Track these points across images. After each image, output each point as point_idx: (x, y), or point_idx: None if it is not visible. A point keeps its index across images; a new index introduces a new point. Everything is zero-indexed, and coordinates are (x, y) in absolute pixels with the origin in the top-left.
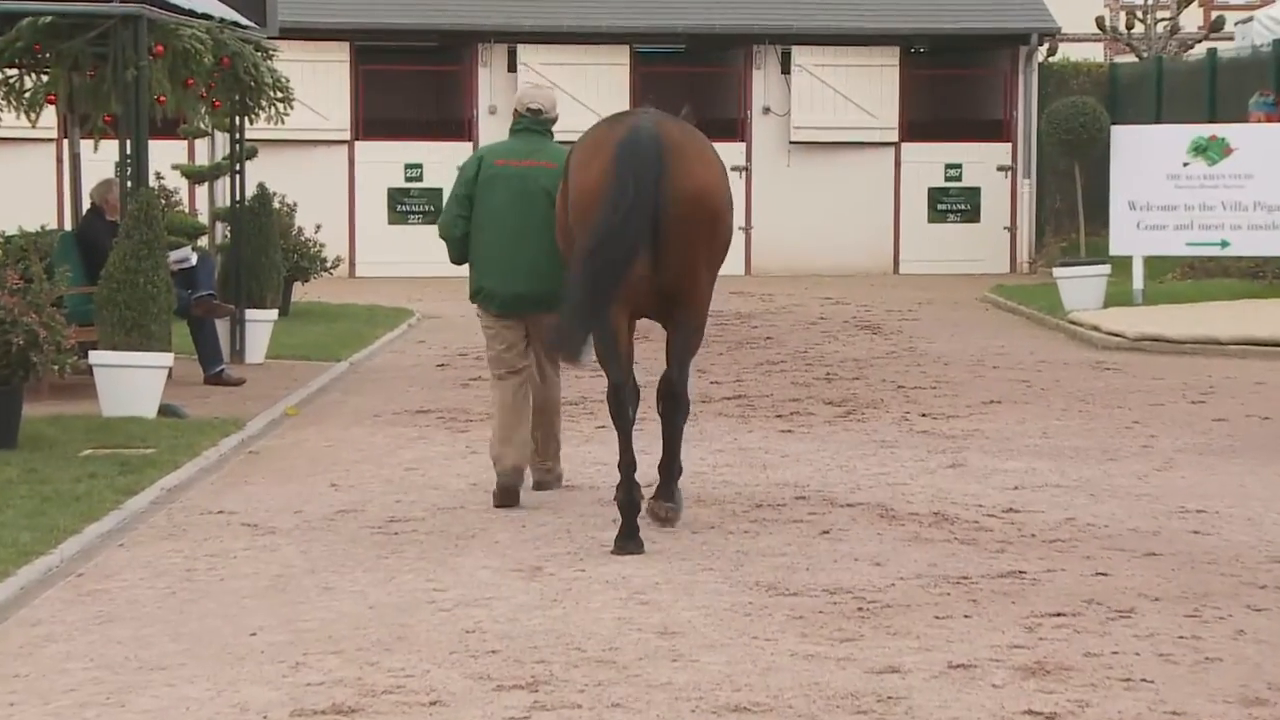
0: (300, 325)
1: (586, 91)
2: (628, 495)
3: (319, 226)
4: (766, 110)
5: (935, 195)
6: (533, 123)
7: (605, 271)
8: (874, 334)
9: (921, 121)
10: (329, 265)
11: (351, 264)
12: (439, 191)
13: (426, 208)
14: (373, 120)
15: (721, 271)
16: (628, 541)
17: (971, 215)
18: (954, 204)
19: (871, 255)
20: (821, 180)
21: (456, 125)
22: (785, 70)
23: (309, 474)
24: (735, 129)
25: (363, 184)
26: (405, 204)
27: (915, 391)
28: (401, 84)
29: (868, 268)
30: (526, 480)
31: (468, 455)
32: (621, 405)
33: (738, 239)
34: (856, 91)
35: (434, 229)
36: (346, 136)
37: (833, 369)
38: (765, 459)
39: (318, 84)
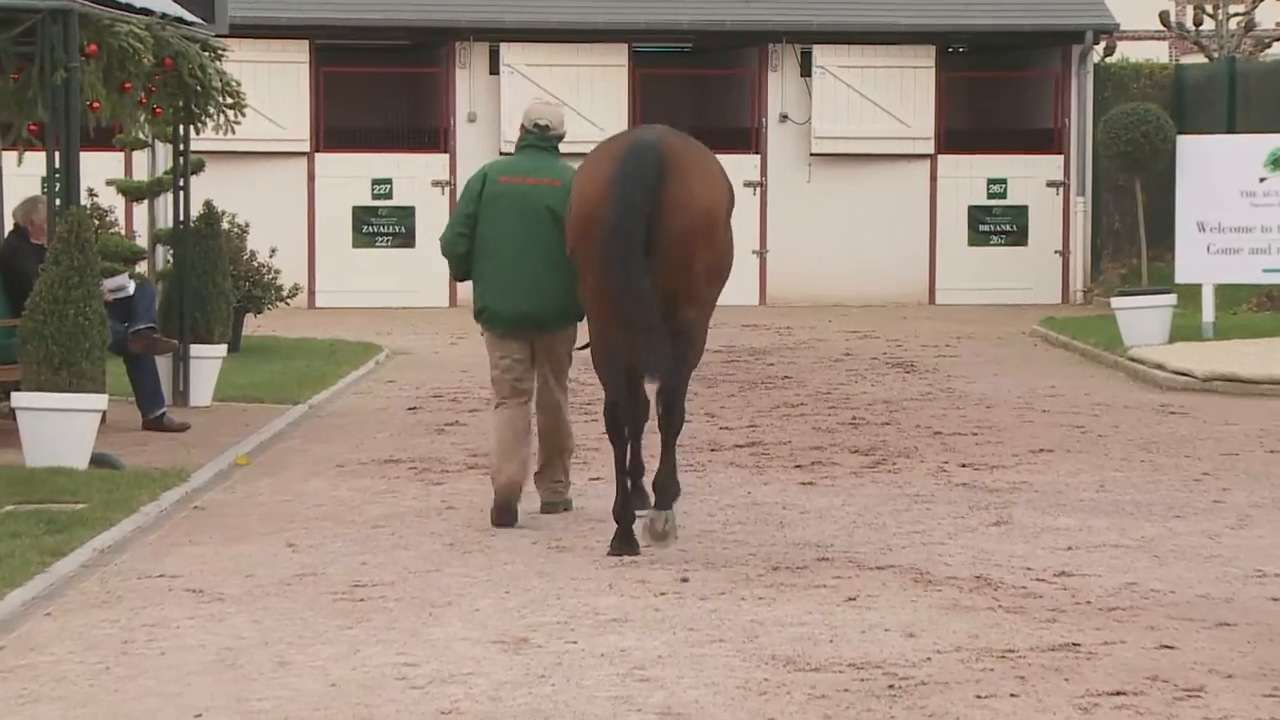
0: (252, 363)
1: (579, 97)
2: (623, 508)
3: (274, 250)
4: (784, 118)
5: (976, 215)
6: (539, 139)
7: (628, 290)
8: (906, 373)
9: (961, 131)
10: (285, 294)
11: (311, 293)
12: (410, 210)
13: (396, 229)
14: (335, 129)
15: (733, 301)
16: (624, 544)
17: (1018, 237)
18: (998, 224)
19: (903, 283)
20: (846, 197)
21: (431, 135)
22: (805, 73)
23: (262, 533)
24: (748, 139)
25: (324, 202)
26: (372, 224)
27: (954, 438)
28: (368, 88)
29: (899, 297)
30: (530, 504)
31: (443, 511)
32: (618, 423)
33: (751, 265)
34: (886, 97)
35: (405, 253)
36: (305, 148)
37: (859, 412)
38: (783, 515)
39: (273, 88)
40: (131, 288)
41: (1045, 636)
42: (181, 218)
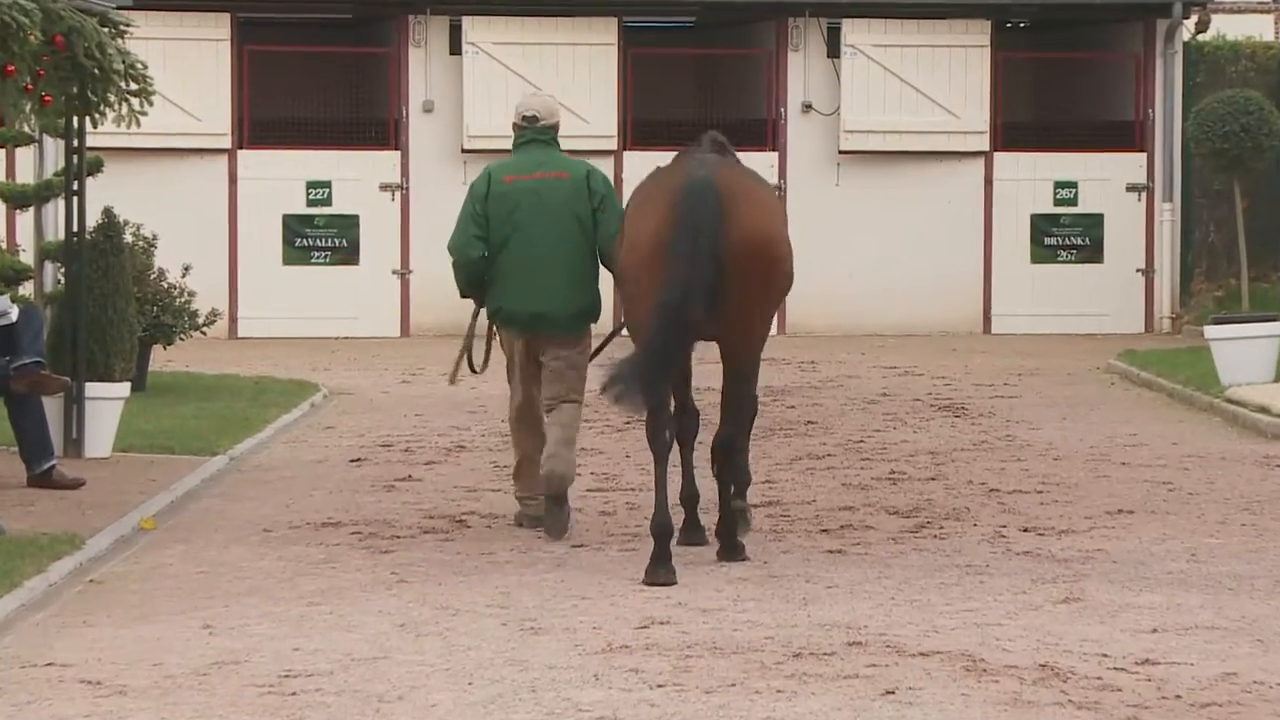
0: (162, 404)
1: (559, 83)
2: (662, 521)
3: (188, 268)
4: (807, 108)
5: (1041, 225)
6: (535, 133)
7: (674, 329)
8: (956, 417)
9: (1022, 124)
10: (201, 322)
11: (232, 320)
12: (353, 220)
13: (336, 242)
14: (262, 122)
15: None
16: (659, 568)
17: (1091, 253)
18: (1067, 237)
19: (952, 308)
20: (882, 204)
21: (378, 129)
22: (833, 53)
23: (173, 611)
24: (763, 134)
25: (248, 209)
26: (307, 237)
27: (1014, 497)
28: (302, 72)
29: (947, 325)
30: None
31: (394, 585)
32: (659, 430)
33: None
34: (931, 82)
35: (347, 272)
36: (226, 144)
37: (899, 465)
38: (806, 590)
39: (187, 71)
40: (14, 314)
41: None
42: (75, 229)
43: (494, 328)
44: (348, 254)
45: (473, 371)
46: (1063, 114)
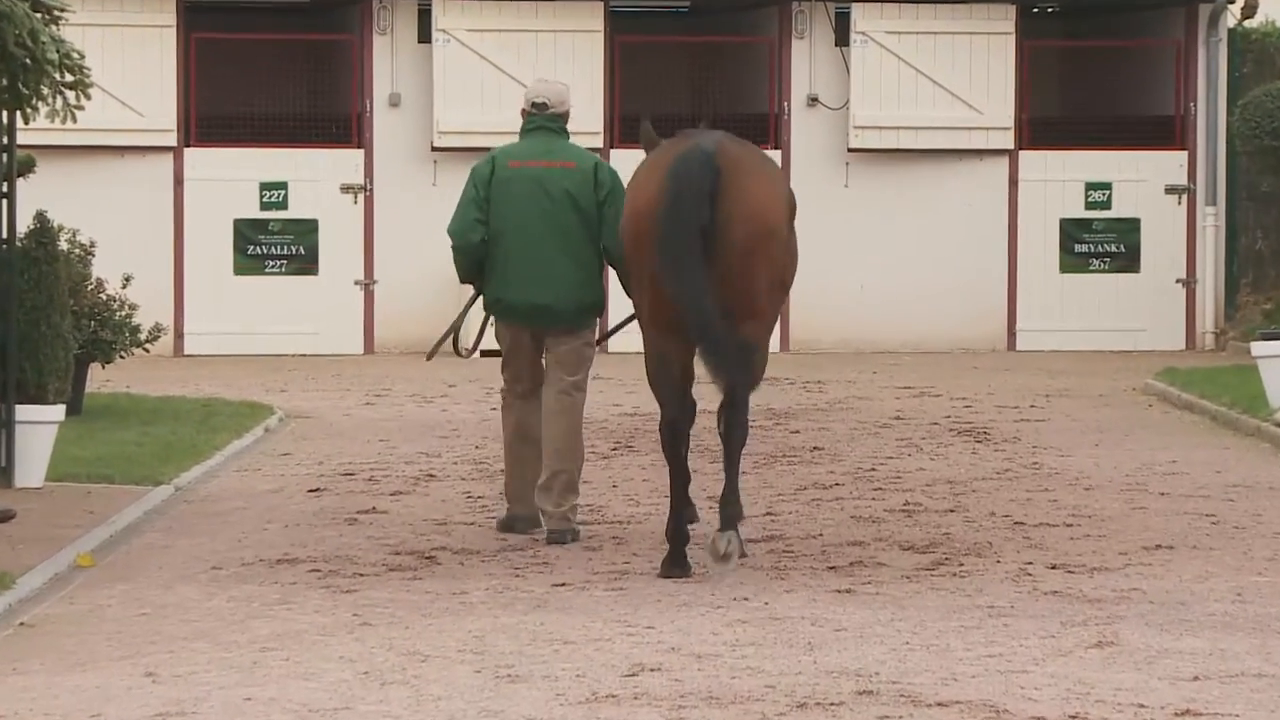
0: (100, 429)
1: (540, 73)
2: (677, 527)
3: (129, 279)
4: (813, 101)
5: (1072, 231)
6: (543, 120)
7: (688, 291)
8: (978, 442)
9: (1050, 119)
10: (144, 338)
11: (178, 335)
12: (311, 225)
13: (294, 249)
14: (212, 117)
15: None
16: (674, 567)
17: (1126, 261)
18: (1099, 244)
19: (973, 322)
20: (896, 207)
21: (340, 124)
22: (842, 41)
23: (113, 658)
24: (764, 130)
25: (196, 213)
26: (261, 244)
27: (1041, 531)
28: (256, 61)
29: (967, 341)
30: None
31: (356, 628)
32: (676, 441)
33: None
34: (950, 73)
35: (304, 282)
36: (171, 141)
37: (914, 496)
38: (811, 634)
39: (129, 61)
40: None
41: None
42: (5, 234)
43: (489, 319)
44: (305, 263)
45: (458, 354)
46: (1095, 108)
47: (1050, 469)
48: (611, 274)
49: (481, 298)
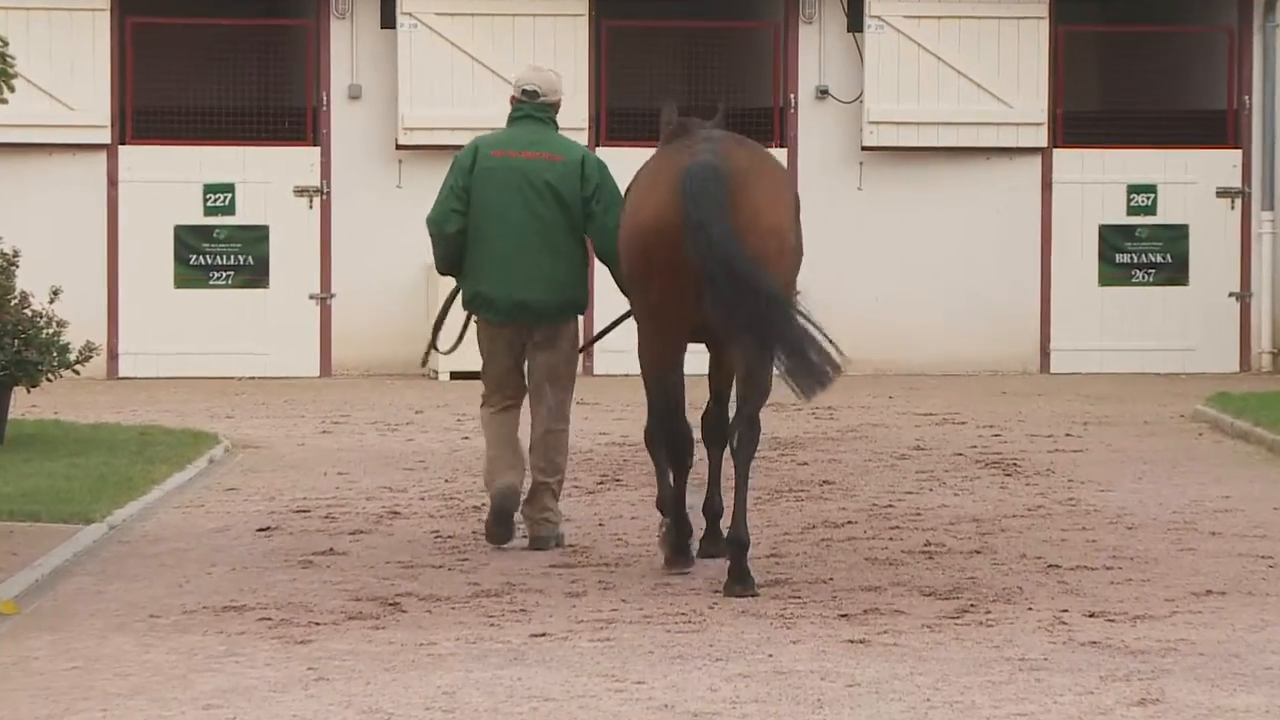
0: (25, 461)
1: (518, 61)
2: (678, 535)
3: (57, 292)
4: (822, 94)
5: (1112, 239)
6: (532, 109)
7: (744, 290)
8: (1007, 475)
9: (1088, 113)
10: (75, 359)
11: (112, 356)
12: (261, 232)
13: (241, 259)
14: (150, 111)
15: None
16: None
17: (1173, 273)
18: (1143, 253)
19: (1002, 340)
20: (916, 213)
21: (293, 119)
22: (855, 26)
23: (39, 716)
24: (768, 125)
25: (132, 219)
26: (205, 253)
27: (1078, 574)
28: (200, 49)
29: (996, 362)
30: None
31: (311, 684)
32: (680, 454)
33: None
34: (976, 62)
35: (254, 296)
36: (104, 137)
37: (936, 535)
38: (821, 690)
39: (57, 49)
40: None
41: None
42: None
43: (470, 317)
44: (255, 274)
45: (437, 351)
46: (1138, 101)
47: (1088, 505)
48: (597, 272)
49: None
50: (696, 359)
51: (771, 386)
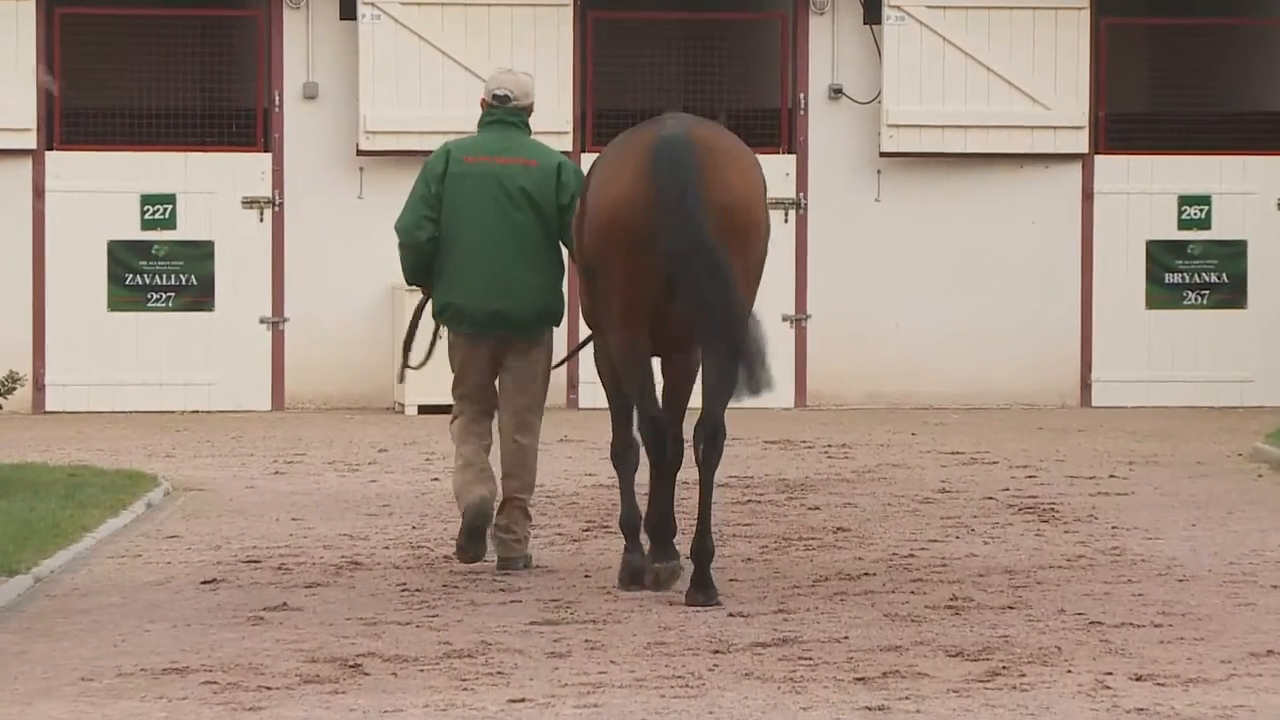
0: None
1: (493, 56)
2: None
3: None
4: (837, 93)
5: (1161, 256)
6: (504, 113)
7: (715, 285)
8: (1043, 521)
9: (1134, 115)
10: None
11: (39, 387)
12: (205, 248)
13: (183, 278)
14: (81, 113)
15: (756, 404)
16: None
17: (1230, 294)
18: (1197, 272)
19: (1038, 370)
20: (941, 227)
21: (242, 121)
22: (873, 18)
23: None
24: (774, 129)
25: (61, 233)
26: (143, 272)
27: (1123, 633)
28: (136, 43)
29: (1030, 394)
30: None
31: None
32: (659, 439)
33: (781, 340)
34: (1008, 58)
35: (197, 320)
36: (29, 142)
37: (963, 589)
38: None
39: None
40: None
41: None
42: None
43: (438, 330)
44: (198, 295)
45: (409, 368)
46: (1190, 102)
47: (1134, 555)
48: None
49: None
50: None
51: (735, 387)
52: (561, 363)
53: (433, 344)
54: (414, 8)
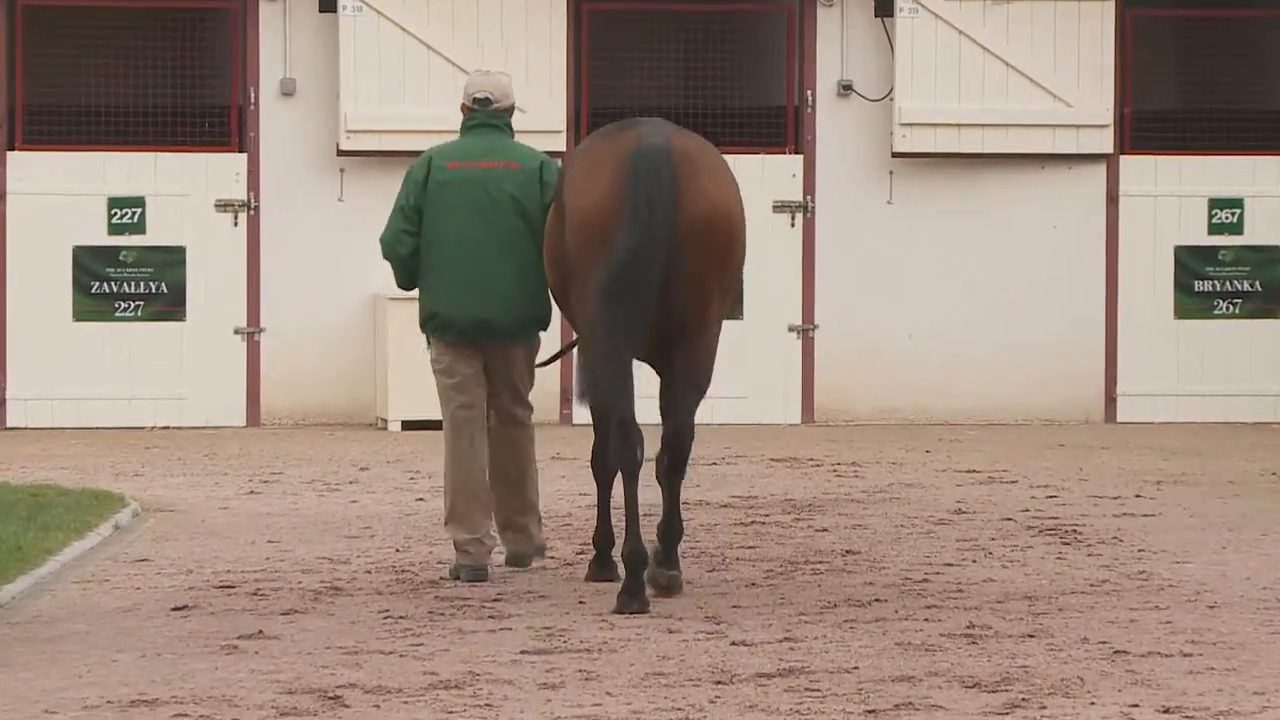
0: None
1: (481, 52)
2: (635, 545)
3: None
4: (846, 90)
5: (1190, 262)
6: (486, 116)
7: (630, 307)
8: (1065, 544)
9: (1162, 113)
10: None
11: (0, 402)
12: (176, 254)
13: (153, 286)
14: (45, 110)
15: (755, 415)
16: (632, 600)
17: (1264, 303)
18: (1229, 279)
19: (1060, 383)
20: (956, 231)
21: (215, 118)
22: (884, 10)
23: None
24: (779, 128)
25: (23, 238)
26: (110, 280)
27: (1150, 662)
28: (103, 37)
29: (1052, 409)
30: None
31: None
32: (629, 443)
33: (787, 351)
34: (1028, 52)
35: (167, 330)
36: None
37: (980, 616)
38: None
39: None
40: None
41: None
42: None
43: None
44: (169, 304)
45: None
46: (1222, 99)
47: (1162, 580)
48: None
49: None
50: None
51: (708, 386)
52: (547, 362)
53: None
54: (398, 0)
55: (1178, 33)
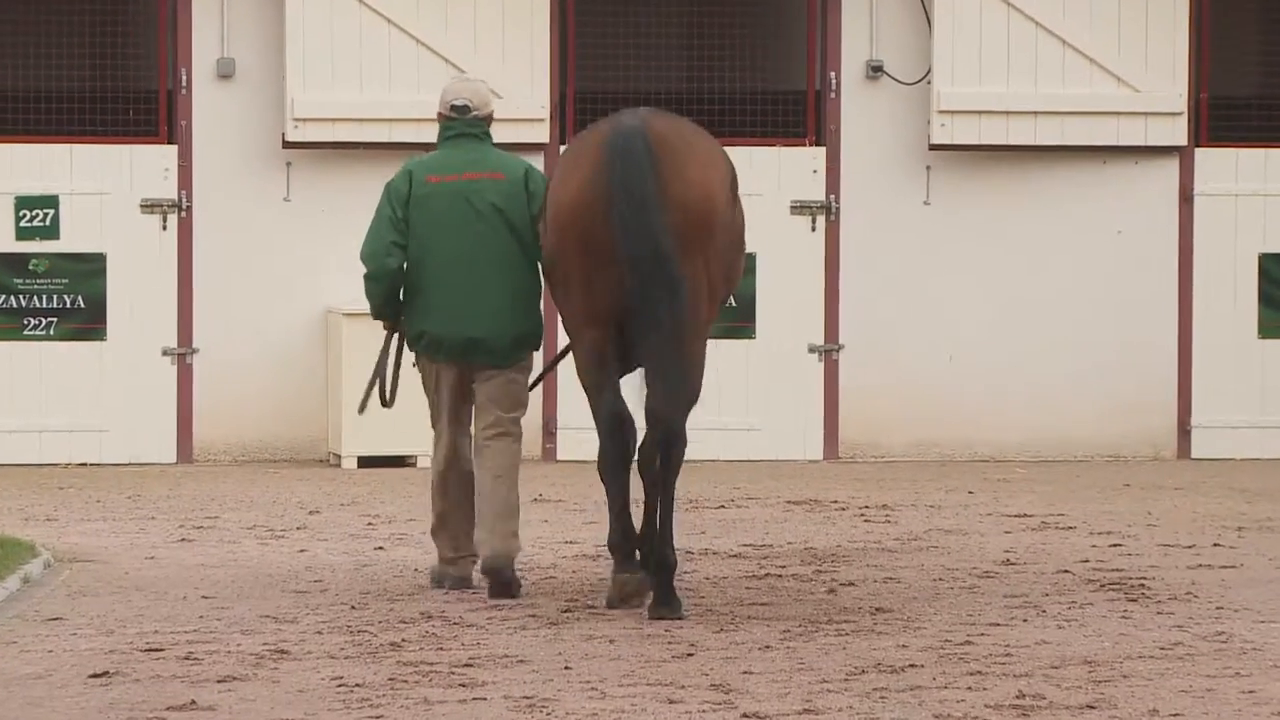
0: None
1: (453, 32)
2: (624, 537)
3: None
4: (876, 71)
5: (1277, 272)
6: (464, 126)
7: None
8: (1131, 601)
9: (1243, 100)
10: None
11: None
12: (96, 261)
13: (68, 299)
14: None
15: (776, 455)
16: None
17: None
18: None
19: (1125, 414)
20: (1004, 235)
21: (140, 106)
22: None
23: None
24: (799, 117)
25: None
26: (17, 292)
27: None
28: (12, 15)
29: (1116, 442)
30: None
31: None
32: (623, 443)
33: (808, 374)
34: (1089, 29)
35: (85, 350)
36: None
37: (1033, 684)
38: None
39: None
40: None
41: None
42: None
43: (401, 355)
44: (87, 321)
45: (383, 404)
46: None
47: (1243, 642)
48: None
49: (405, 337)
50: None
51: (699, 392)
52: (536, 382)
53: (395, 380)
54: None
55: (1262, 11)
